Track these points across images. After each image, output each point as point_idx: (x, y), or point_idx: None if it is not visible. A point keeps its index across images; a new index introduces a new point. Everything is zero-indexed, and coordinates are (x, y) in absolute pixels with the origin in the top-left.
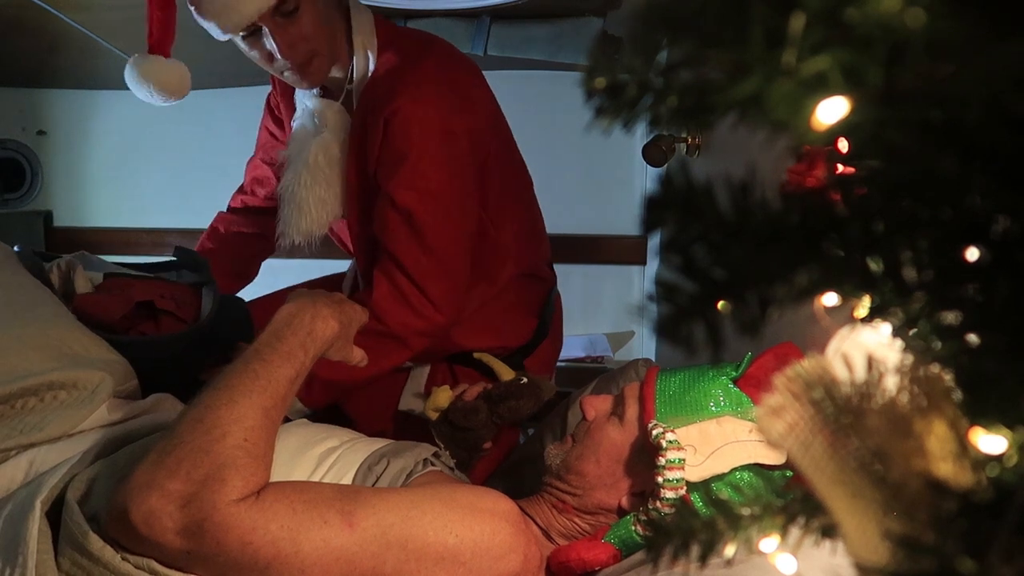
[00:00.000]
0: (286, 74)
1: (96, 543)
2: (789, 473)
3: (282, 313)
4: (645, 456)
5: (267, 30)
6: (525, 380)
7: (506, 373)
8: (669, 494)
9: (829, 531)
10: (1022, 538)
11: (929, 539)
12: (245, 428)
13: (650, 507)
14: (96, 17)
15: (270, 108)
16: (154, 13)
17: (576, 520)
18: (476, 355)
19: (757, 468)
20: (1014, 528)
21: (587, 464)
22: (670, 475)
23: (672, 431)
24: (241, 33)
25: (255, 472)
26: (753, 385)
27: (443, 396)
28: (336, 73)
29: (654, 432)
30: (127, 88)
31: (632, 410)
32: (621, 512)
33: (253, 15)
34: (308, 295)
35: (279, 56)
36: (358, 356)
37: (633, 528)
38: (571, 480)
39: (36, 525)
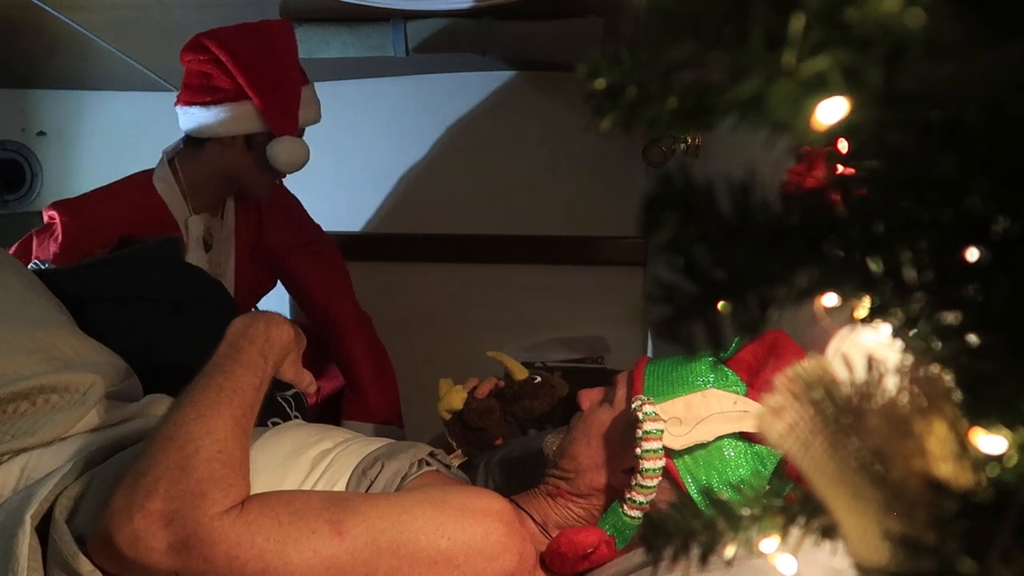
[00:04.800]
0: (258, 187)
1: (85, 565)
2: (777, 452)
3: (236, 326)
4: (630, 432)
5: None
6: (539, 379)
7: (519, 372)
8: (648, 465)
9: (829, 531)
10: (1022, 538)
11: (929, 539)
12: (217, 440)
13: (632, 483)
14: (96, 18)
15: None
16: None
17: (571, 507)
18: (490, 353)
19: (745, 441)
20: (1014, 528)
21: (579, 447)
22: (647, 446)
23: (652, 403)
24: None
25: (234, 483)
26: (743, 368)
27: (457, 397)
28: None
29: (634, 405)
30: (126, 89)
31: (621, 392)
32: (612, 491)
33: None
34: (254, 312)
35: (279, 169)
36: (307, 379)
37: (621, 510)
38: (564, 465)
39: (27, 541)
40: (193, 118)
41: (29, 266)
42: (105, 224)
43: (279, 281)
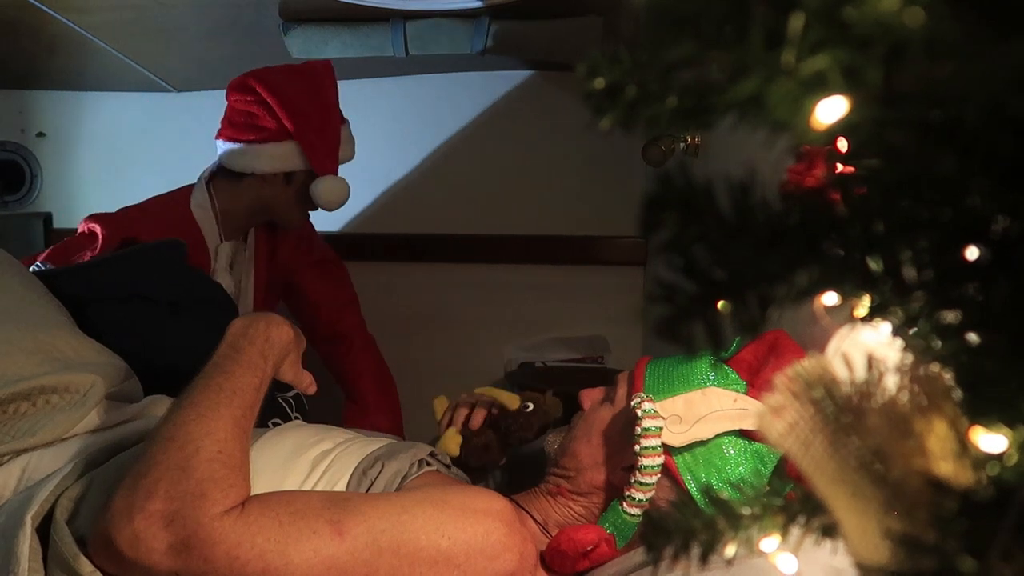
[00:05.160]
0: (292, 220)
1: (86, 566)
2: (777, 451)
3: (236, 326)
4: (630, 429)
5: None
6: (531, 407)
7: (511, 402)
8: (646, 462)
9: (830, 530)
10: (1022, 537)
11: (930, 538)
12: (217, 440)
13: (632, 480)
14: (95, 18)
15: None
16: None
17: (571, 505)
18: (478, 391)
19: (745, 439)
20: (1014, 527)
21: (580, 445)
22: (646, 443)
23: (652, 401)
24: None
25: (234, 483)
26: (743, 367)
27: (452, 443)
28: None
29: (633, 402)
30: (125, 90)
31: (622, 390)
32: (612, 489)
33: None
34: (254, 312)
35: (321, 207)
36: (307, 380)
37: (621, 508)
38: (565, 463)
39: (27, 543)
40: (235, 153)
41: (31, 268)
42: (143, 240)
43: (283, 299)
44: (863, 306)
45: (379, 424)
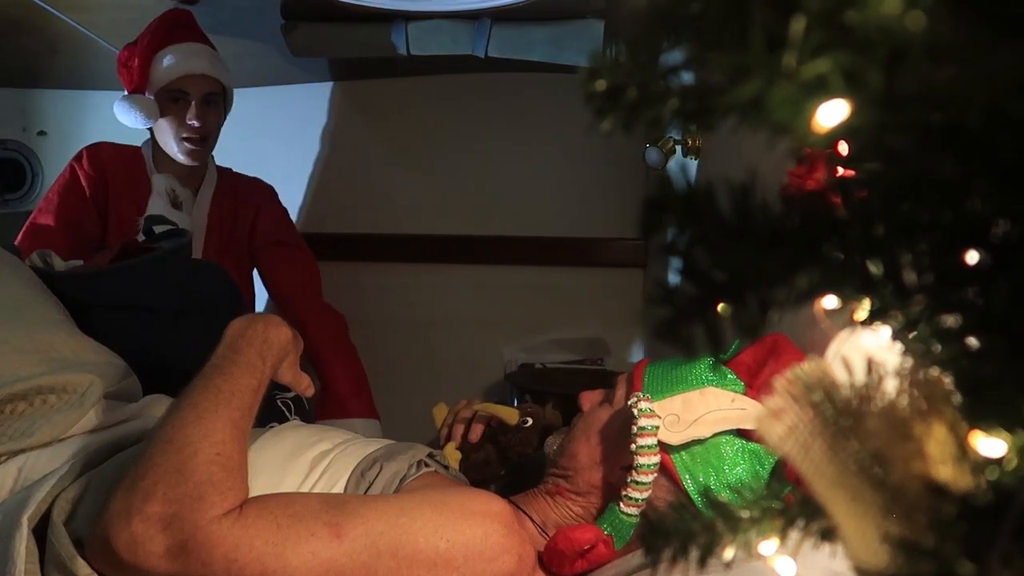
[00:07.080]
0: (184, 144)
1: (83, 568)
2: (775, 455)
3: (234, 327)
4: (627, 428)
5: (195, 100)
6: (530, 421)
7: (510, 417)
8: (643, 460)
9: (828, 534)
10: (1021, 541)
11: (929, 542)
12: (215, 443)
13: (628, 479)
14: (97, 17)
15: (76, 183)
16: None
17: (570, 505)
18: (477, 406)
19: (742, 439)
20: (1013, 531)
21: (579, 445)
22: (643, 441)
23: (649, 400)
24: (173, 90)
25: (232, 485)
26: (742, 369)
27: (452, 459)
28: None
29: (630, 401)
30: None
31: (621, 391)
32: (610, 489)
33: (208, 72)
34: (252, 313)
35: (193, 121)
36: (305, 382)
37: (618, 508)
38: (564, 463)
39: (24, 544)
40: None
41: (32, 255)
42: (105, 162)
43: (253, 281)
44: (863, 309)
45: (349, 408)
